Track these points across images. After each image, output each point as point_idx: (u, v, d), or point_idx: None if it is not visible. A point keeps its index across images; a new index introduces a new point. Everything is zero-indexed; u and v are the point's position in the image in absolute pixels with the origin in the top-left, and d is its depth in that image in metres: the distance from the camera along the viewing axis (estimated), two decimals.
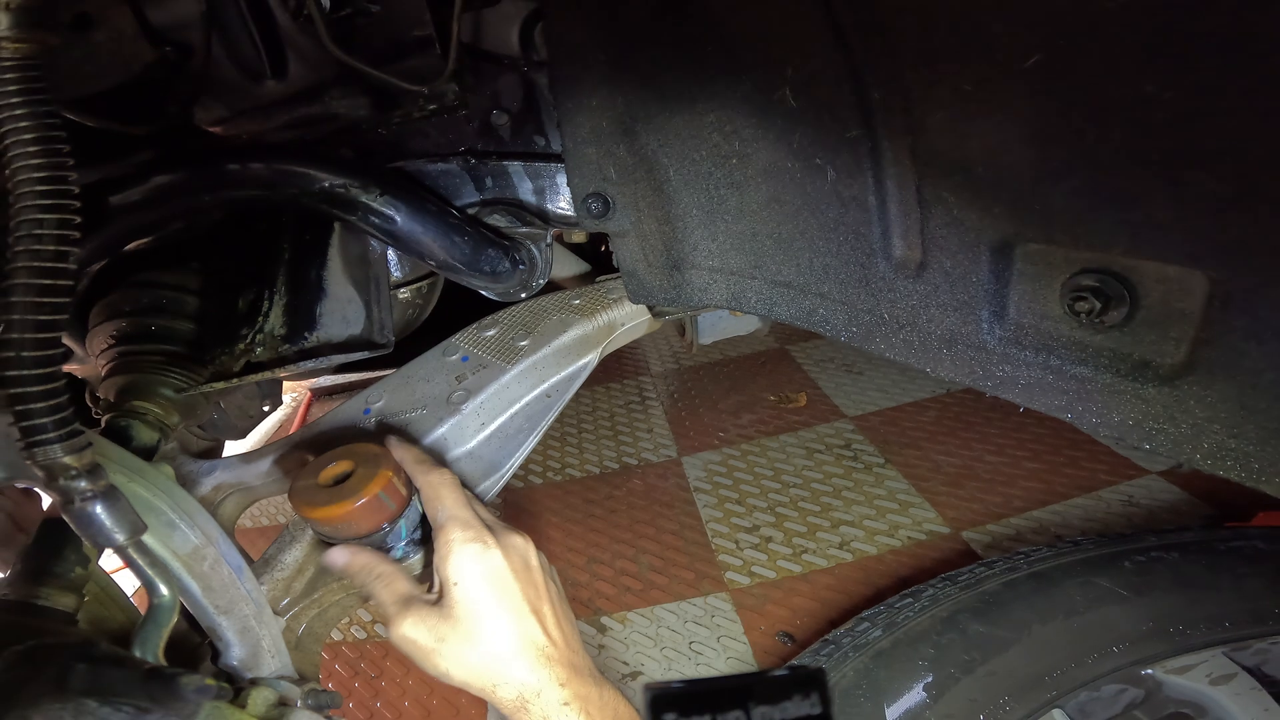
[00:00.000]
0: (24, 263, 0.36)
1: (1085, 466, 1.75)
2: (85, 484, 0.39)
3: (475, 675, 0.56)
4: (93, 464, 0.40)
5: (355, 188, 0.68)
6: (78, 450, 0.38)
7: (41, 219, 0.36)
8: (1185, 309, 0.46)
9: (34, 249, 0.36)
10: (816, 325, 0.69)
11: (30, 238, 0.36)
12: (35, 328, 0.36)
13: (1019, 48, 0.46)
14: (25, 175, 0.37)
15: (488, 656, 0.57)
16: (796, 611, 1.49)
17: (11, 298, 0.36)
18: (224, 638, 0.62)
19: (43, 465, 0.38)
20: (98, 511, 0.40)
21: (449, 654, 0.57)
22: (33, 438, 0.37)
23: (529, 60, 0.77)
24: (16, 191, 0.37)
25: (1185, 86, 0.41)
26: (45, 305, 0.37)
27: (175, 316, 0.73)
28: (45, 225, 0.36)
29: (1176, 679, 0.93)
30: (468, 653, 0.57)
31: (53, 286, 0.37)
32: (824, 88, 0.59)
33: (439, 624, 0.58)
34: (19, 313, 0.36)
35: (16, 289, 0.36)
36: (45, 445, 0.37)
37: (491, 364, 0.87)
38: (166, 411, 0.70)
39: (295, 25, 0.72)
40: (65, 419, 0.38)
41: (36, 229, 0.36)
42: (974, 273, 0.55)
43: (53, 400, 0.37)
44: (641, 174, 0.73)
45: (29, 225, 0.36)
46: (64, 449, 0.38)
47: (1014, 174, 0.51)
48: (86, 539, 0.40)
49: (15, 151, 0.37)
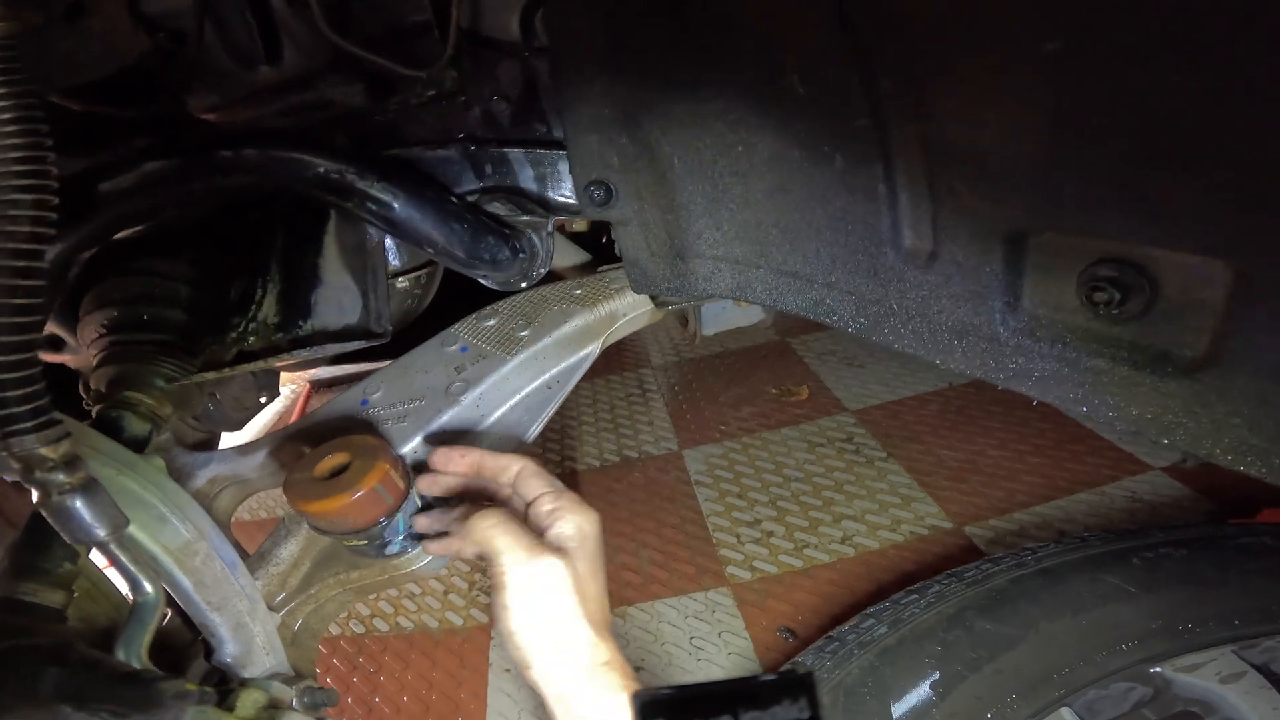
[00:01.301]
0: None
1: (1088, 461, 1.74)
2: (63, 476, 0.37)
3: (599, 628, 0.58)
4: (71, 455, 0.38)
5: (351, 173, 0.66)
6: (54, 441, 0.37)
7: (16, 199, 0.35)
8: (1206, 299, 0.44)
9: (8, 230, 0.35)
10: (823, 315, 0.67)
11: (4, 218, 0.35)
12: (9, 312, 0.35)
13: (1033, 34, 0.44)
14: (1, 157, 0.35)
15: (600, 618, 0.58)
16: (798, 606, 1.49)
17: None
18: (217, 634, 0.61)
19: (18, 457, 0.36)
20: (77, 505, 0.38)
21: (587, 605, 0.58)
22: (7, 428, 0.36)
23: (530, 46, 0.75)
24: None
25: (1203, 71, 0.39)
26: (19, 289, 0.35)
27: (167, 305, 0.72)
28: (20, 206, 0.35)
29: (1185, 677, 0.92)
30: (595, 611, 0.58)
31: (27, 269, 0.35)
32: (831, 75, 0.58)
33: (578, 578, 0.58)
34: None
35: None
36: (20, 435, 0.36)
37: (491, 354, 0.86)
38: (159, 402, 0.69)
39: (290, 10, 0.71)
40: (41, 408, 0.36)
41: (11, 210, 0.35)
42: (987, 263, 0.54)
43: (28, 389, 0.36)
44: (644, 162, 0.72)
45: (3, 207, 0.35)
46: (40, 439, 0.36)
47: (1027, 163, 0.50)
48: (65, 534, 0.39)
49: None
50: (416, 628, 1.62)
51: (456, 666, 1.49)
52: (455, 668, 1.49)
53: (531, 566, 0.57)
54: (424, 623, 1.63)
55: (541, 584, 0.57)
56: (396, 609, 1.68)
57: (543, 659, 0.56)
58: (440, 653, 1.54)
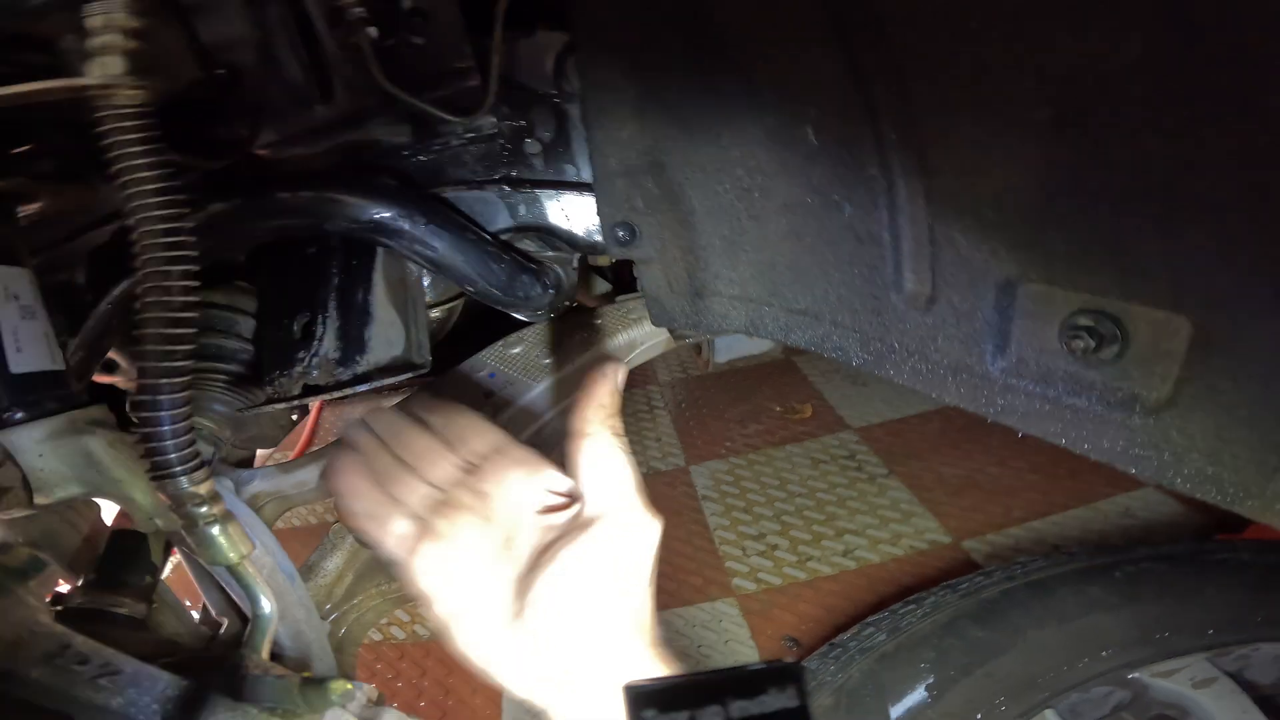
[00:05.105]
0: (154, 313, 0.41)
1: (1084, 479, 1.79)
2: (207, 509, 0.44)
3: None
4: (213, 491, 0.44)
5: (402, 217, 0.72)
6: (201, 480, 0.43)
7: (168, 270, 0.41)
8: (1171, 349, 0.50)
9: (162, 300, 0.40)
10: (830, 351, 0.73)
11: (158, 289, 0.40)
12: (166, 374, 0.41)
13: (1030, 102, 0.50)
14: (149, 226, 0.41)
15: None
16: (802, 617, 1.54)
17: (145, 345, 0.40)
18: (280, 642, 0.67)
19: (171, 495, 0.42)
20: (215, 534, 0.44)
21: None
22: (161, 470, 0.42)
23: (562, 91, 0.81)
24: (142, 243, 0.41)
25: (1181, 145, 0.45)
26: (174, 353, 0.41)
27: (226, 335, 0.78)
28: (171, 276, 0.41)
29: (1161, 682, 0.98)
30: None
31: (179, 335, 0.41)
32: (844, 128, 0.63)
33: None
34: (151, 360, 0.40)
35: (149, 338, 0.41)
36: (173, 477, 0.42)
37: (517, 380, 0.92)
38: (220, 426, 0.75)
39: (342, 53, 0.76)
40: (191, 454, 0.42)
41: (163, 280, 0.40)
42: (980, 308, 0.60)
43: (181, 438, 0.41)
44: (667, 205, 0.77)
45: (156, 276, 0.40)
46: (189, 480, 0.42)
47: (1020, 218, 0.55)
48: (204, 559, 0.45)
49: (137, 202, 0.41)
50: (433, 634, 1.67)
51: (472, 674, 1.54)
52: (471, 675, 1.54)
53: (643, 518, 0.52)
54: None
55: (642, 541, 0.52)
56: (413, 617, 1.73)
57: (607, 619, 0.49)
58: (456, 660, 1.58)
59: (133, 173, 0.41)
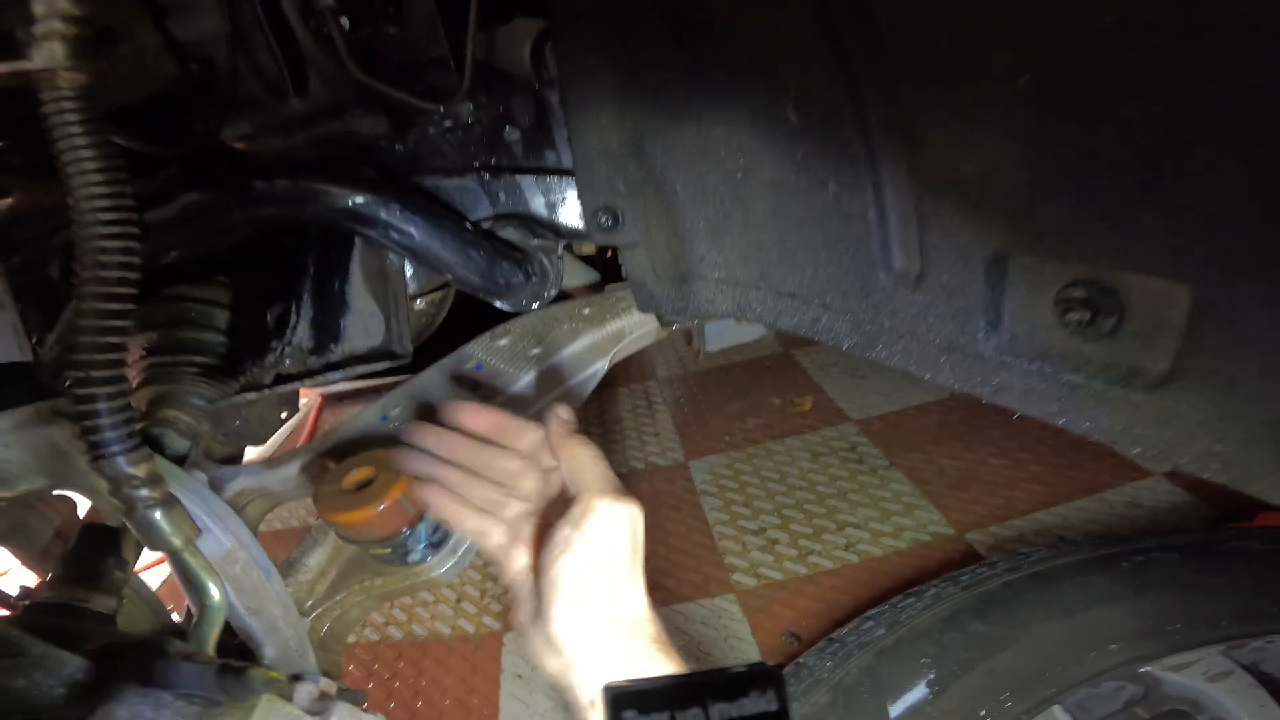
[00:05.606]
0: (91, 288, 0.39)
1: (1088, 468, 1.77)
2: (147, 492, 0.42)
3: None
4: (153, 473, 0.42)
5: (377, 205, 0.70)
6: (140, 462, 0.41)
7: (105, 246, 0.39)
8: (1170, 320, 0.48)
9: (100, 275, 0.39)
10: (820, 334, 0.71)
11: (96, 265, 0.39)
12: (103, 349, 0.39)
13: (1012, 69, 0.48)
14: (89, 204, 0.39)
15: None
16: (803, 612, 1.52)
17: (81, 321, 0.39)
18: (254, 638, 0.65)
19: (108, 476, 0.41)
20: (158, 518, 0.43)
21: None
22: (99, 450, 0.40)
23: (540, 77, 0.79)
24: (82, 221, 0.39)
25: (1170, 107, 0.43)
26: (111, 329, 0.40)
27: (204, 329, 0.76)
28: (109, 253, 0.39)
29: (1174, 676, 0.95)
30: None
31: (117, 311, 0.40)
32: (825, 105, 0.62)
33: None
34: (87, 335, 0.39)
35: (85, 313, 0.39)
36: (111, 458, 0.40)
37: (504, 371, 0.90)
38: (197, 420, 0.73)
39: (316, 45, 0.75)
40: (129, 434, 0.41)
41: (101, 256, 0.39)
42: (970, 284, 0.58)
43: (118, 416, 0.40)
44: (650, 189, 0.76)
45: (94, 253, 0.39)
46: (128, 460, 0.41)
47: (1007, 190, 0.53)
48: (146, 544, 0.43)
49: (78, 181, 0.40)
50: (430, 635, 1.65)
51: (469, 673, 1.53)
52: (468, 674, 1.53)
53: (618, 509, 0.52)
54: (437, 630, 1.66)
55: (624, 531, 0.52)
56: (410, 617, 1.71)
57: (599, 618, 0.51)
58: (453, 659, 1.57)
59: (72, 153, 0.40)
